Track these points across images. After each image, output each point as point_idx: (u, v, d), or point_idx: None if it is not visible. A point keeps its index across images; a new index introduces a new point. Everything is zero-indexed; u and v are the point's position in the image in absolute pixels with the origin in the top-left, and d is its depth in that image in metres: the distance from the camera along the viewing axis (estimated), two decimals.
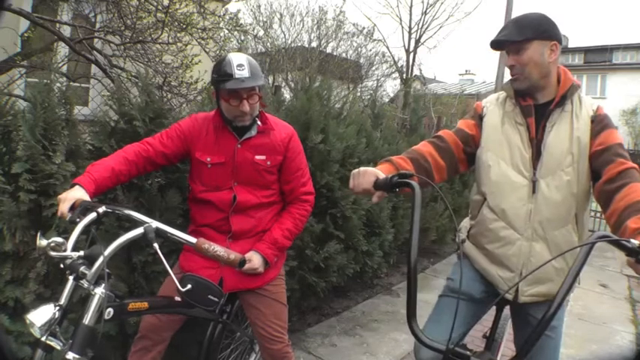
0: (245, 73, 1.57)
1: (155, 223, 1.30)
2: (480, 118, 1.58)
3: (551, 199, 1.42)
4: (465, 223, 1.69)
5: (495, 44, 1.47)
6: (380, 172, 1.32)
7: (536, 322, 0.89)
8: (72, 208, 1.36)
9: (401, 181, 1.19)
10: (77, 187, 1.43)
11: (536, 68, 1.41)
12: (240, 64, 1.58)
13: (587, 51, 25.42)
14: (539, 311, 1.45)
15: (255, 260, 1.66)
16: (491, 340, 1.67)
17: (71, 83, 3.02)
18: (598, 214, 7.43)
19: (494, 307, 1.66)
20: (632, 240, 0.92)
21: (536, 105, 1.46)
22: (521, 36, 1.38)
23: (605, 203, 1.27)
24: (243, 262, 1.27)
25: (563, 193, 1.41)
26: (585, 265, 0.91)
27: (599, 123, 1.41)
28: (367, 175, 1.30)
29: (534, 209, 1.43)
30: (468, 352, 0.91)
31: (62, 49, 3.49)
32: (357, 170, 1.34)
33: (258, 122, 1.71)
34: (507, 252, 1.47)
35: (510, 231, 1.46)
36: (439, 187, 5.24)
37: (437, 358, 0.97)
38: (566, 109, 1.44)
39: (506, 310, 1.69)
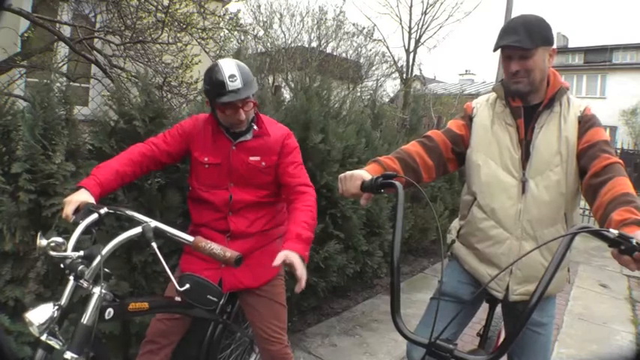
0: (238, 83, 1.55)
1: (153, 223, 1.30)
2: (469, 118, 1.59)
3: (540, 198, 1.43)
4: (455, 223, 1.70)
5: (503, 48, 1.42)
6: (366, 174, 1.35)
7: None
8: (77, 210, 1.38)
9: (385, 182, 1.23)
10: (82, 190, 1.46)
11: (539, 73, 1.42)
12: (232, 74, 1.55)
13: (587, 51, 25.40)
14: None
15: (295, 261, 1.45)
16: (485, 338, 1.69)
17: (71, 83, 3.02)
18: (587, 212, 7.41)
19: (487, 306, 1.68)
20: (612, 230, 0.93)
21: (525, 107, 1.48)
22: (533, 44, 1.37)
23: (592, 198, 1.29)
24: (239, 259, 1.26)
25: (552, 193, 1.43)
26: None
27: (586, 122, 1.43)
28: (353, 179, 1.33)
29: (524, 209, 1.45)
30: (451, 346, 0.93)
31: (62, 49, 3.49)
32: (343, 175, 1.37)
33: (255, 127, 1.72)
34: (497, 251, 1.49)
35: (500, 230, 1.48)
36: (434, 186, 5.16)
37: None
38: (554, 110, 1.46)
39: (499, 309, 1.70)
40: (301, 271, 1.44)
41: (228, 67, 1.59)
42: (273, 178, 1.76)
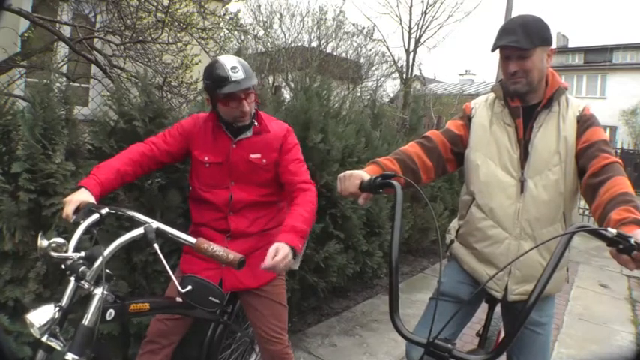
0: (240, 74, 1.58)
1: (155, 224, 1.29)
2: (468, 118, 1.60)
3: (538, 198, 1.43)
4: (454, 223, 1.71)
5: (501, 48, 1.43)
6: (365, 174, 1.35)
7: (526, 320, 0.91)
8: (77, 210, 1.37)
9: (384, 182, 1.23)
10: (83, 189, 1.45)
11: (537, 73, 1.42)
12: (234, 66, 1.58)
13: (587, 51, 25.40)
14: None
15: (280, 250, 1.43)
16: (484, 338, 1.69)
17: (71, 83, 3.02)
18: (586, 212, 7.41)
19: (486, 306, 1.68)
20: (610, 229, 0.93)
21: (524, 106, 1.48)
22: (531, 44, 1.37)
23: (591, 197, 1.29)
24: (242, 262, 1.25)
25: (550, 193, 1.43)
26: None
27: (585, 122, 1.43)
28: (353, 178, 1.33)
29: (522, 208, 1.45)
30: (450, 345, 0.93)
31: (62, 49, 3.48)
32: (342, 174, 1.37)
33: (255, 123, 1.72)
34: (495, 250, 1.49)
35: (499, 230, 1.48)
36: (434, 186, 5.16)
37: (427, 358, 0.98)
38: (553, 110, 1.47)
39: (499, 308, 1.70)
40: (282, 256, 1.39)
41: (229, 60, 1.61)
42: (273, 175, 1.75)
